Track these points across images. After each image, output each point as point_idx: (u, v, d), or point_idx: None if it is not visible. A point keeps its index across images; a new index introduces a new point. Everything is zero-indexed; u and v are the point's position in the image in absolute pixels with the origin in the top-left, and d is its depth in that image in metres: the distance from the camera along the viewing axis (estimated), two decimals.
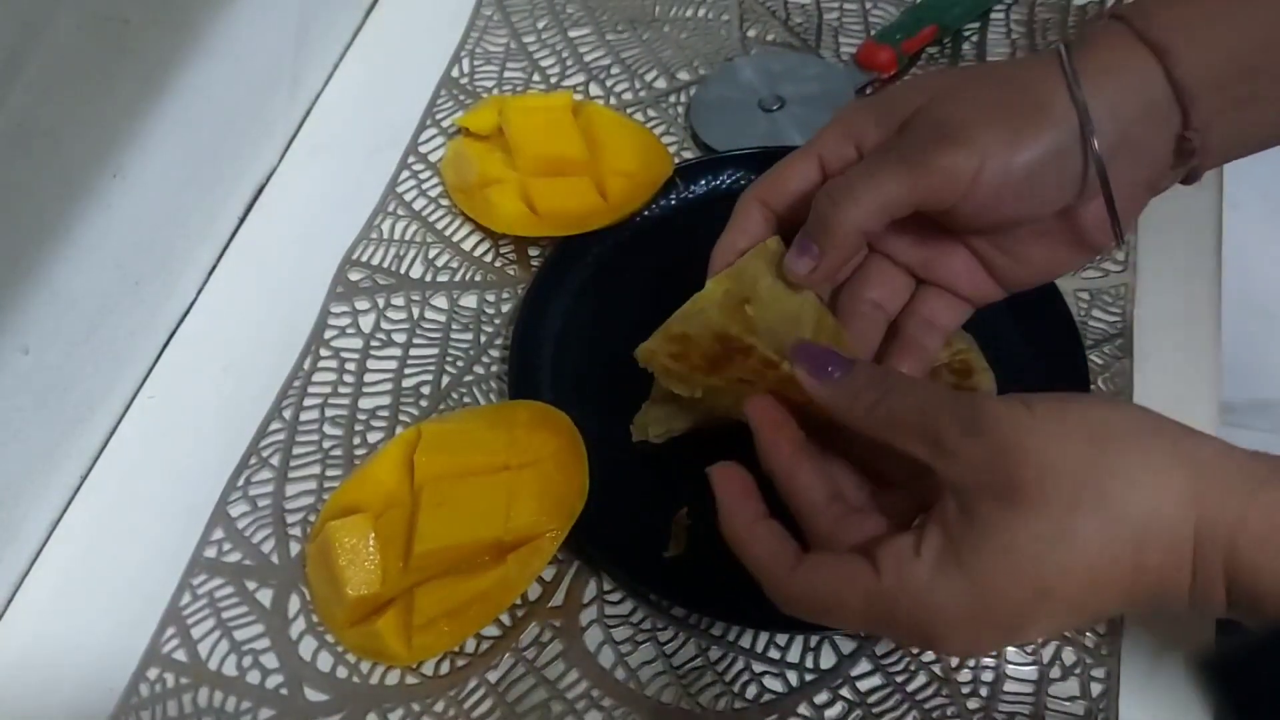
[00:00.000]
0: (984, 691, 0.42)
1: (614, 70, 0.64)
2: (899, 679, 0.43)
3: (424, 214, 0.58)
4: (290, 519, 0.48)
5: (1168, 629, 0.44)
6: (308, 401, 0.52)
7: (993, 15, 0.64)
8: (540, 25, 0.67)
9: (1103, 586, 0.30)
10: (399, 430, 0.50)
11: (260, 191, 0.60)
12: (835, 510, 0.36)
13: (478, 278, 0.56)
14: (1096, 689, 0.42)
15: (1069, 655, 0.43)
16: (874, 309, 0.42)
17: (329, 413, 0.51)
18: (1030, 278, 0.42)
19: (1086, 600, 0.30)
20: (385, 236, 0.57)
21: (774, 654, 0.44)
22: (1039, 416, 0.31)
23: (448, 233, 0.58)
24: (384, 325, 0.54)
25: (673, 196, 0.56)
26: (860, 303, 0.42)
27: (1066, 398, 0.32)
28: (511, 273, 0.56)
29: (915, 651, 0.44)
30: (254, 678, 0.44)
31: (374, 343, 0.54)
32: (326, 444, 0.50)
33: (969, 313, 0.43)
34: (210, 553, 0.47)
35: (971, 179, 0.36)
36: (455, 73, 0.64)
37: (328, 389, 0.52)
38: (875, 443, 0.35)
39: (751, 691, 0.43)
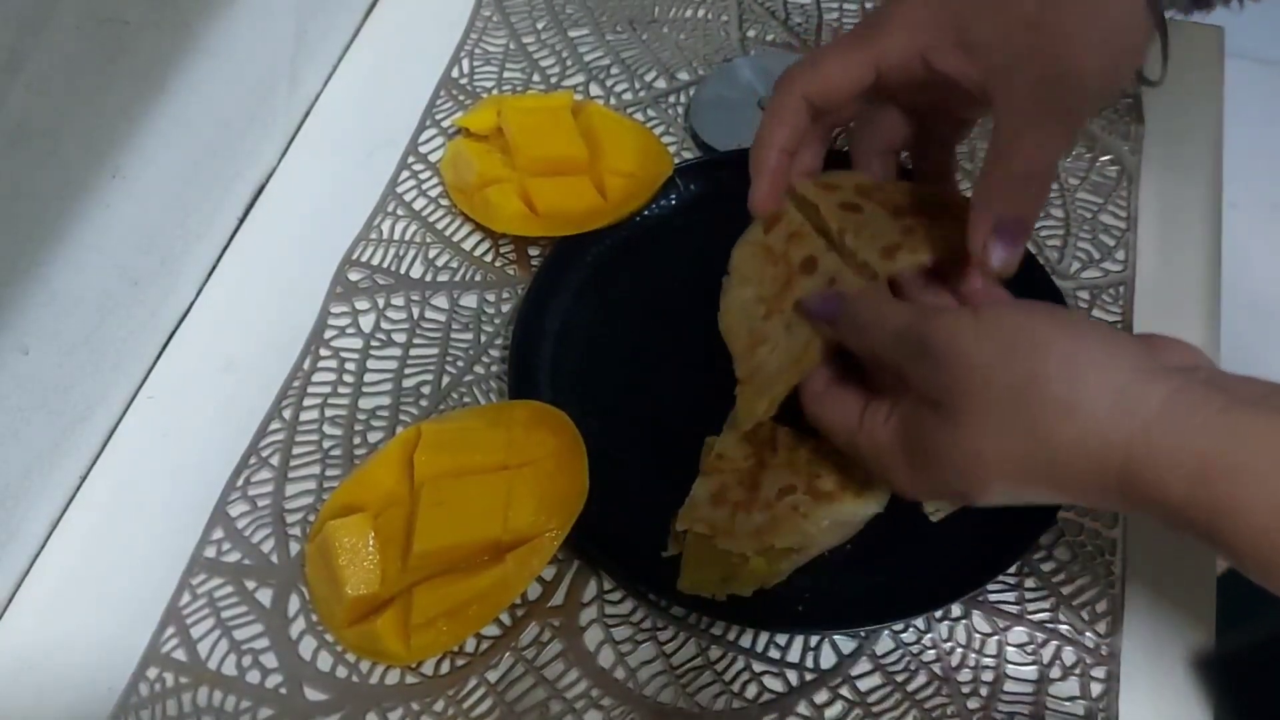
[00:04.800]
0: (984, 691, 0.42)
1: (614, 70, 0.64)
2: (899, 679, 0.43)
3: (424, 214, 0.58)
4: (290, 519, 0.48)
5: (1168, 629, 0.44)
6: (307, 401, 0.52)
7: None
8: (540, 26, 0.67)
9: (1021, 487, 0.34)
10: (399, 430, 0.50)
11: (260, 191, 0.60)
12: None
13: (478, 278, 0.56)
14: (1096, 689, 0.42)
15: (1069, 655, 0.43)
16: (886, 157, 0.46)
17: (329, 413, 0.51)
18: None
19: (1007, 494, 0.35)
20: (385, 237, 0.57)
21: (774, 653, 0.44)
22: (982, 330, 0.34)
23: (447, 233, 0.58)
24: (384, 325, 0.54)
25: (672, 196, 0.56)
26: (871, 157, 0.46)
27: (1011, 307, 0.36)
28: (511, 273, 0.56)
29: (915, 651, 0.44)
30: (253, 677, 0.44)
31: (374, 343, 0.54)
32: (326, 444, 0.50)
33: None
34: (210, 552, 0.47)
35: None
36: (455, 73, 0.64)
37: (327, 389, 0.52)
38: None
39: (751, 691, 0.43)
